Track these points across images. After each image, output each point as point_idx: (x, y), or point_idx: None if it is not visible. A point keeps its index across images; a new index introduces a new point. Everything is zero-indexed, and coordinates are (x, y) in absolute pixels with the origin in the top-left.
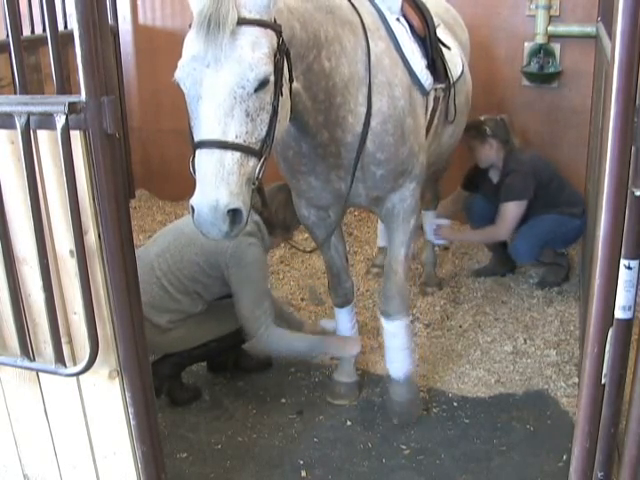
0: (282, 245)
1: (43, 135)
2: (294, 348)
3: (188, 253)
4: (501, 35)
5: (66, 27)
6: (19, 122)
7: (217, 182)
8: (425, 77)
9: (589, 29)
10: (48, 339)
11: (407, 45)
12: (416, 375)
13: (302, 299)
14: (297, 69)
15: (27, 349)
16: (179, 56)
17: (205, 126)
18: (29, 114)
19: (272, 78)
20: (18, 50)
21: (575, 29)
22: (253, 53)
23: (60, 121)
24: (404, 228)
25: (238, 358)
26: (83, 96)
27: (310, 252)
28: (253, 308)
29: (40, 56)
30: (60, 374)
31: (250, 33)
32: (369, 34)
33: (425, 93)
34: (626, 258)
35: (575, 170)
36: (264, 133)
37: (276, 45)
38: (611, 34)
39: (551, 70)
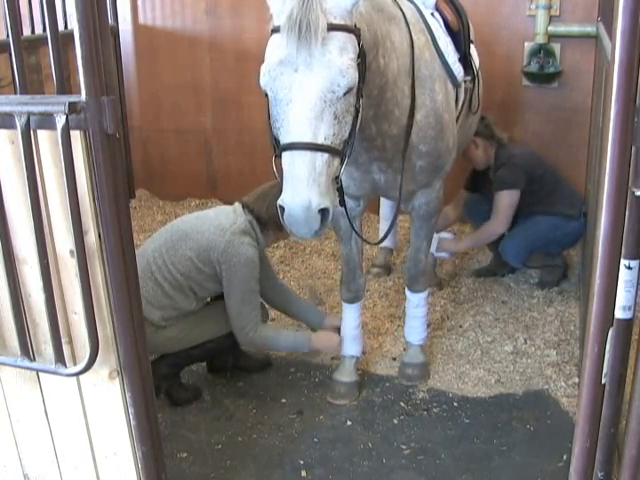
0: (282, 245)
1: (43, 135)
2: (279, 346)
3: (182, 248)
4: (501, 35)
5: (66, 27)
6: (19, 122)
7: (309, 183)
8: (458, 70)
9: (589, 29)
10: (48, 339)
11: (442, 39)
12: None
13: None
14: None
15: (27, 349)
16: (179, 56)
17: (296, 128)
18: (29, 114)
19: (357, 81)
20: (18, 50)
21: (575, 29)
22: (341, 58)
23: (60, 121)
24: (427, 225)
25: (238, 358)
26: (83, 96)
27: (376, 244)
28: (240, 307)
29: (40, 56)
30: (60, 374)
31: (338, 38)
32: (411, 27)
33: (458, 86)
34: (626, 258)
35: (576, 170)
36: (347, 134)
37: (358, 49)
38: (611, 34)
39: (551, 70)
